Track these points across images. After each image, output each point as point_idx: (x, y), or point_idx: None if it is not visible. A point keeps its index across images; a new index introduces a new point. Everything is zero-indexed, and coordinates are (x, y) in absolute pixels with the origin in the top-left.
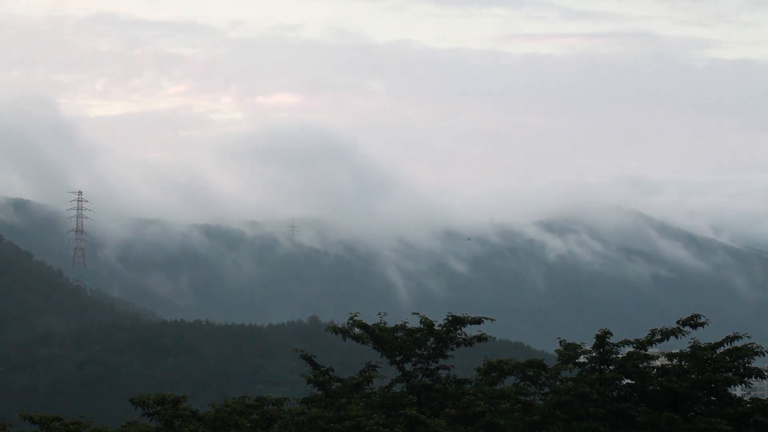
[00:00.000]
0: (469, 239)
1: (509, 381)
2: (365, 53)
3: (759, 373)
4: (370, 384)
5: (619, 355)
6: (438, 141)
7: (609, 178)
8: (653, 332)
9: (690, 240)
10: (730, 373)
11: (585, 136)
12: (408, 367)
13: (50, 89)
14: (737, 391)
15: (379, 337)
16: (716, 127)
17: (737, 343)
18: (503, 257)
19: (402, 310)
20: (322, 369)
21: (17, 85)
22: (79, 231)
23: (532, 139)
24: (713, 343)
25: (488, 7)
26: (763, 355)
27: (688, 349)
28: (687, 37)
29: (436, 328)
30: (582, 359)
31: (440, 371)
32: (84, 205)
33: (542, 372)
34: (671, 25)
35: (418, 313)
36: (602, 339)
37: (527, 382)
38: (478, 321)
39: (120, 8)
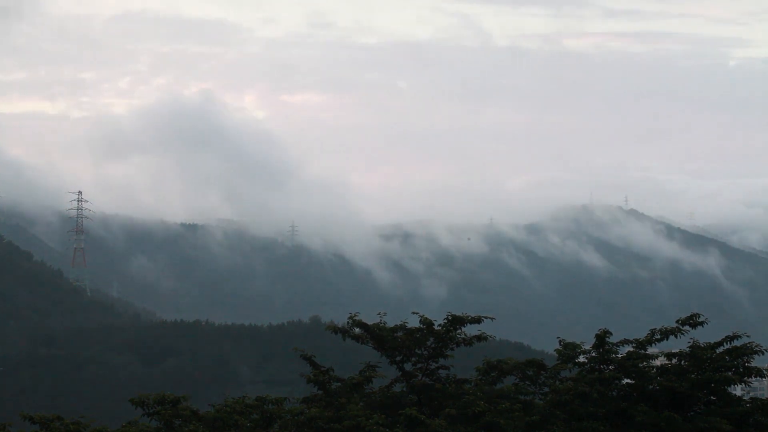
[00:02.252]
0: (469, 239)
1: (509, 381)
2: (394, 51)
3: (759, 373)
4: (370, 384)
5: (619, 355)
6: (459, 139)
7: (614, 178)
8: (653, 332)
9: (690, 239)
10: (729, 373)
11: (606, 135)
12: (408, 367)
13: (74, 87)
14: (737, 390)
15: (379, 337)
16: (741, 126)
17: (737, 343)
18: (503, 256)
19: (401, 310)
20: (322, 369)
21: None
22: (79, 231)
23: (551, 138)
24: (713, 342)
25: (527, 6)
26: (763, 354)
27: (688, 349)
28: (721, 36)
29: (435, 327)
30: (582, 359)
31: (440, 371)
32: (84, 205)
33: (542, 372)
34: (705, 23)
35: (417, 313)
36: (602, 339)
37: (527, 382)
38: (477, 320)
39: (151, 6)
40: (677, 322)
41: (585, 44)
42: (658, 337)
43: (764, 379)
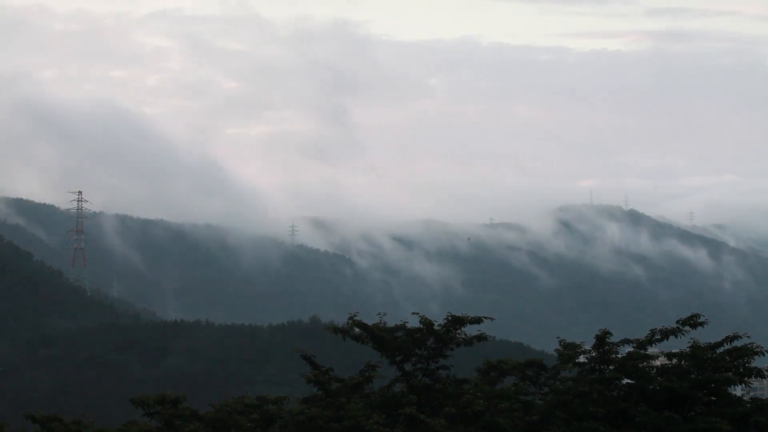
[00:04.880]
0: (469, 239)
1: (509, 381)
2: (430, 49)
3: (759, 373)
4: (370, 384)
5: (619, 355)
6: (482, 138)
7: (615, 178)
8: (653, 332)
9: (690, 240)
10: (730, 373)
11: (631, 134)
12: (408, 367)
13: (102, 86)
14: (737, 390)
15: (379, 337)
16: (758, 125)
17: (737, 343)
18: (503, 256)
19: (401, 310)
20: (322, 369)
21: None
22: (79, 231)
23: (572, 137)
24: (713, 343)
25: (571, 4)
26: (763, 355)
27: (688, 349)
28: (762, 34)
29: (435, 328)
30: (582, 359)
31: (440, 371)
32: (84, 205)
33: (541, 372)
34: (746, 21)
35: (417, 313)
36: (602, 339)
37: (527, 382)
38: (477, 321)
39: (186, 4)
40: (677, 322)
41: (620, 42)
42: (659, 337)
43: (764, 380)
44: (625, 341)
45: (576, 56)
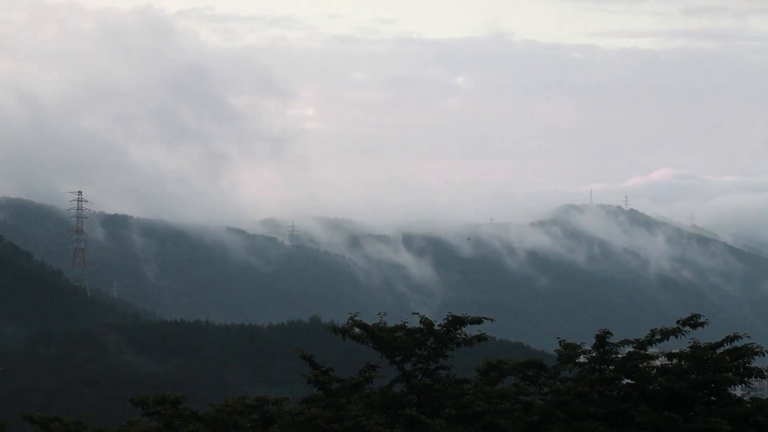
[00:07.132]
0: (469, 239)
1: (509, 381)
2: (459, 47)
3: (759, 373)
4: (370, 384)
5: (619, 355)
6: (502, 137)
7: (615, 178)
8: (653, 332)
9: (690, 240)
10: (730, 373)
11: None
12: (408, 367)
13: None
14: (737, 391)
15: (379, 337)
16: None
17: (737, 343)
18: (503, 256)
19: (401, 311)
20: (322, 369)
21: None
22: (79, 231)
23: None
24: (713, 343)
25: (606, 2)
26: (763, 355)
27: (688, 349)
28: None
29: (435, 328)
30: (582, 359)
31: (440, 371)
32: (84, 205)
33: (542, 372)
34: None
35: (417, 313)
36: (602, 339)
37: (527, 382)
38: (477, 321)
39: (216, 2)
40: (678, 322)
41: (652, 41)
42: (659, 337)
43: (764, 380)
44: (625, 341)
45: (605, 54)
